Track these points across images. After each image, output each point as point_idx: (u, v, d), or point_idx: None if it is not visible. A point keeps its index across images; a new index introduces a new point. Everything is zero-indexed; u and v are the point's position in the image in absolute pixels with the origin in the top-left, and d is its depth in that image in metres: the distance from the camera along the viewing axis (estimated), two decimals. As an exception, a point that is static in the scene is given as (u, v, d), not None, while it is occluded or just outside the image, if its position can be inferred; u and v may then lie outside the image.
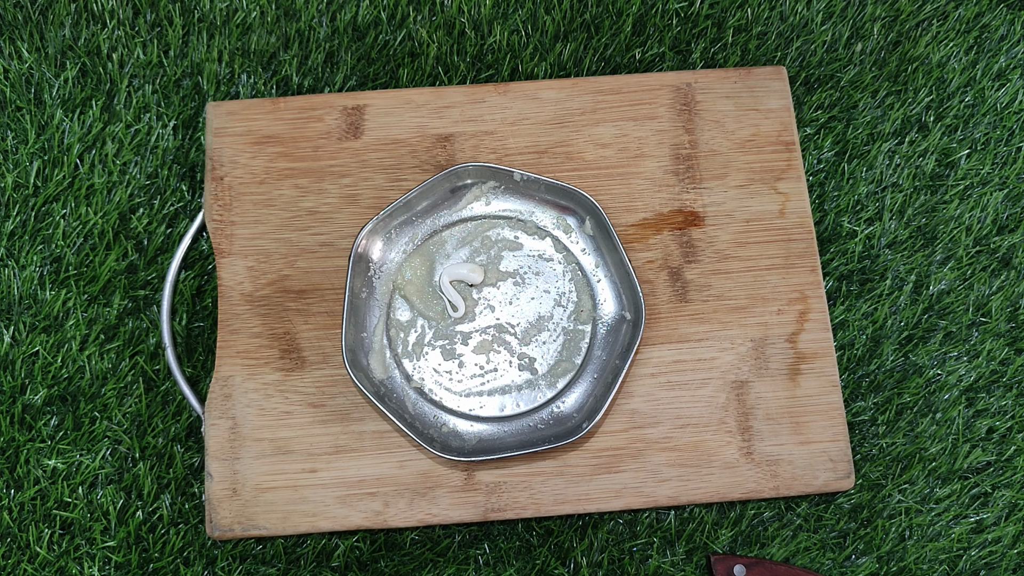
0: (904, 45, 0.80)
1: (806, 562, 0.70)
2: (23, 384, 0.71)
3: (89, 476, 0.70)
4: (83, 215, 0.74)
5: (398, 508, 0.68)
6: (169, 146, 0.76)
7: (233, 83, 0.77)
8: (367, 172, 0.74)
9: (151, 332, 0.72)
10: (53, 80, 0.77)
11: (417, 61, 0.78)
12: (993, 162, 0.78)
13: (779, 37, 0.80)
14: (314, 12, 0.79)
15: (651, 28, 0.79)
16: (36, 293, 0.72)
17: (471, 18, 0.79)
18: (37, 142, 0.75)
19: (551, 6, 0.80)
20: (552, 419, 0.69)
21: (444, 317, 0.71)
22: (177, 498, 0.70)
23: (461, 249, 0.72)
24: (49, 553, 0.68)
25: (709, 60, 0.79)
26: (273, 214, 0.73)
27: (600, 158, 0.75)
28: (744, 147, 0.75)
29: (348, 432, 0.69)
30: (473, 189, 0.73)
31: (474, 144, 0.74)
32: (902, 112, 0.78)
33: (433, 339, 0.71)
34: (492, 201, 0.73)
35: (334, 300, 0.71)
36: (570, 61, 0.78)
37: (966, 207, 0.77)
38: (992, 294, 0.75)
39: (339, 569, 0.69)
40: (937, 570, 0.70)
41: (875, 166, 0.77)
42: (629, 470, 0.69)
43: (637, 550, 0.70)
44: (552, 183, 0.71)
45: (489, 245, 0.73)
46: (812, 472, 0.69)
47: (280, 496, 0.68)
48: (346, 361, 0.67)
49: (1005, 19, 0.81)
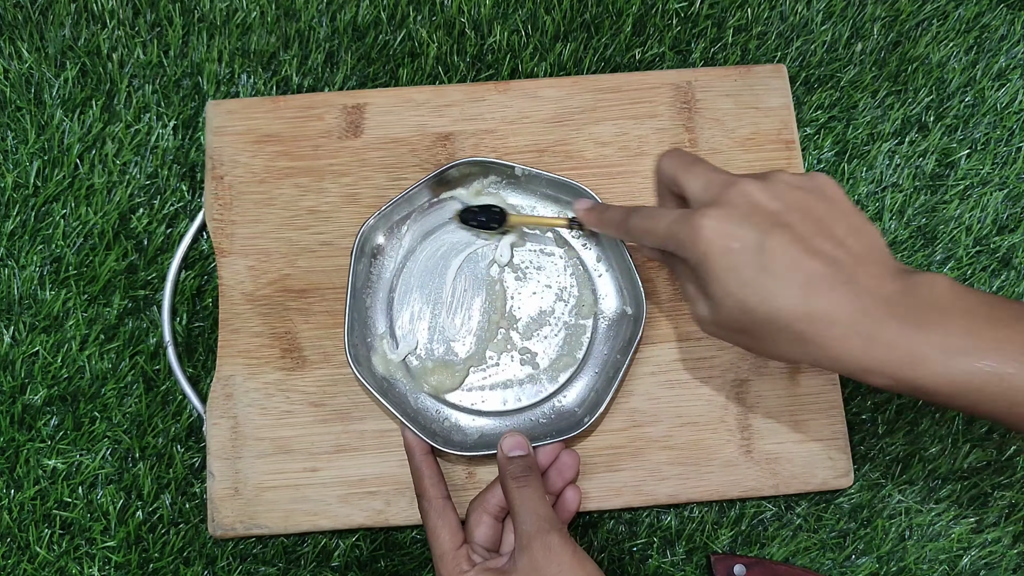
0: (904, 45, 0.80)
1: (806, 562, 0.70)
2: (23, 384, 0.71)
3: (89, 476, 0.69)
4: (83, 215, 0.74)
5: (399, 507, 0.68)
6: (169, 146, 0.76)
7: (233, 83, 0.77)
8: (367, 171, 0.74)
9: (151, 332, 0.72)
10: (53, 80, 0.77)
11: (417, 61, 0.78)
12: (993, 162, 0.78)
13: (779, 37, 0.80)
14: (314, 12, 0.79)
15: (651, 28, 0.80)
16: (36, 293, 0.72)
17: (471, 18, 0.79)
18: (37, 142, 0.75)
19: (551, 6, 0.80)
20: (554, 414, 0.70)
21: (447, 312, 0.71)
22: (177, 498, 0.70)
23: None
24: (49, 553, 0.68)
25: (709, 60, 0.79)
26: (273, 213, 0.73)
27: (600, 156, 0.75)
28: (744, 145, 0.75)
29: (349, 431, 0.69)
30: (474, 184, 0.73)
31: (474, 143, 0.74)
32: (902, 112, 0.78)
33: (435, 333, 0.71)
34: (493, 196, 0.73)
35: (335, 299, 0.71)
36: (570, 61, 0.79)
37: (966, 207, 0.77)
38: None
39: (339, 569, 0.69)
40: (937, 570, 0.70)
41: (875, 166, 0.77)
42: (629, 468, 0.69)
43: (637, 550, 0.70)
44: (553, 177, 0.71)
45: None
46: (811, 470, 0.69)
47: (281, 495, 0.68)
48: (348, 357, 0.67)
49: (1005, 19, 0.81)
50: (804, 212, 0.52)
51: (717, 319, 0.54)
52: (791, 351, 0.52)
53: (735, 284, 0.51)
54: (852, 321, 0.50)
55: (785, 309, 0.50)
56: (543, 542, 0.58)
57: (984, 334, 0.49)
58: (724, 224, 0.52)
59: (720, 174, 0.55)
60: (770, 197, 0.53)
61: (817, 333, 0.50)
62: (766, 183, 0.53)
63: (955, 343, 0.49)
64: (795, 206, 0.53)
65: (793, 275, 0.50)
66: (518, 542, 0.59)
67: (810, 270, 0.50)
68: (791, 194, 0.53)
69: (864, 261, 0.51)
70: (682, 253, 0.54)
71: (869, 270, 0.51)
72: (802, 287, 0.50)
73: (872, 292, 0.50)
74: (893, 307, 0.50)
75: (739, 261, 0.51)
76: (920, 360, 0.49)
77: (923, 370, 0.49)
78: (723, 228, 0.52)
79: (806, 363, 0.53)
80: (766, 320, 0.51)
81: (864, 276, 0.51)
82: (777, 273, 0.51)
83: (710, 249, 0.52)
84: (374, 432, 0.69)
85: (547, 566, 0.57)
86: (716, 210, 0.52)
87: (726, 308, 0.53)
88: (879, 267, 0.52)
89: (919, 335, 0.49)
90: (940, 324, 0.49)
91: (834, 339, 0.50)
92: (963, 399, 0.49)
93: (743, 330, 0.53)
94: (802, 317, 0.50)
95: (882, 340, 0.49)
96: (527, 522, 0.59)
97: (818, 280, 0.50)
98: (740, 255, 0.51)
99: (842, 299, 0.50)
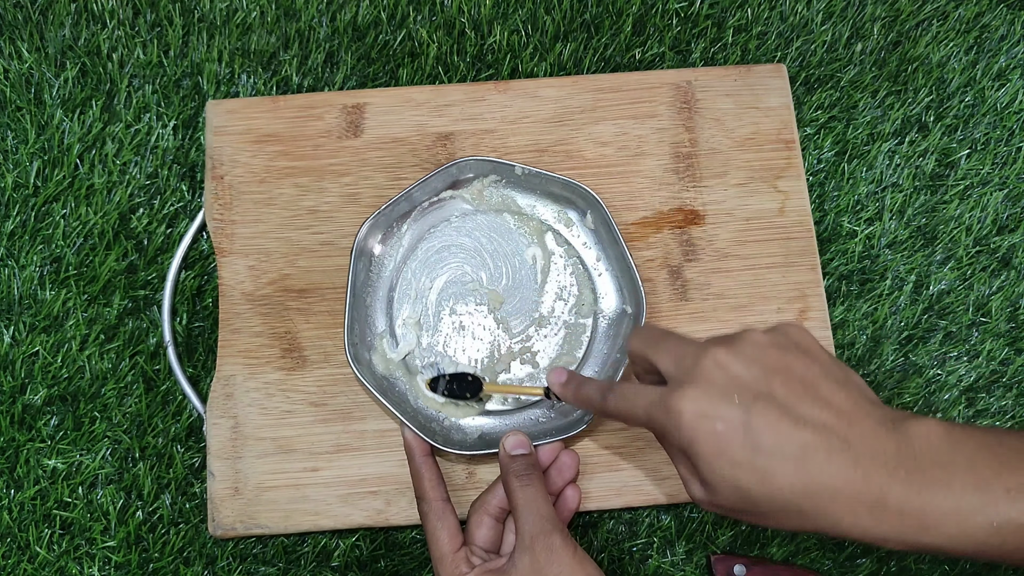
0: (904, 45, 0.80)
1: (806, 562, 0.70)
2: (23, 384, 0.71)
3: (89, 476, 0.69)
4: (83, 215, 0.74)
5: (400, 507, 0.68)
6: (169, 146, 0.76)
7: (233, 83, 0.77)
8: (367, 171, 0.74)
9: (151, 332, 0.72)
10: (53, 80, 0.77)
11: (417, 61, 0.78)
12: (993, 162, 0.78)
13: (779, 37, 0.80)
14: (314, 12, 0.79)
15: (651, 28, 0.80)
16: (36, 293, 0.72)
17: (471, 18, 0.79)
18: (37, 142, 0.75)
19: (551, 6, 0.80)
20: (554, 413, 0.70)
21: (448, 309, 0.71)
22: (177, 498, 0.70)
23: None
24: (49, 553, 0.68)
25: (709, 60, 0.79)
26: (274, 213, 0.73)
27: (600, 156, 0.75)
28: (744, 145, 0.75)
29: (349, 431, 0.69)
30: (475, 183, 0.73)
31: (474, 142, 0.74)
32: (902, 112, 0.78)
33: (435, 332, 0.71)
34: (493, 195, 0.73)
35: (335, 299, 0.71)
36: (570, 61, 0.79)
37: (966, 207, 0.77)
38: (992, 294, 0.75)
39: (339, 569, 0.69)
40: (937, 570, 0.70)
41: (875, 166, 0.77)
42: (629, 468, 0.69)
43: (637, 550, 0.70)
44: (553, 177, 0.71)
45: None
46: (813, 471, 0.69)
47: (282, 495, 0.68)
48: (348, 356, 0.67)
49: (1005, 19, 0.81)
50: (784, 375, 0.50)
51: (714, 499, 0.51)
52: (798, 526, 0.49)
53: (727, 467, 0.49)
54: (855, 492, 0.47)
55: (783, 488, 0.48)
56: (545, 543, 0.58)
57: (993, 486, 0.47)
58: (703, 404, 0.49)
59: (690, 346, 0.52)
60: (745, 365, 0.50)
61: (821, 508, 0.48)
62: (737, 348, 0.51)
63: (966, 502, 0.46)
64: (772, 369, 0.50)
65: (785, 450, 0.48)
66: (520, 542, 0.59)
67: (802, 442, 0.48)
68: (765, 356, 0.51)
69: (855, 420, 0.49)
70: (667, 438, 0.52)
71: (861, 429, 0.49)
72: (797, 462, 0.48)
73: (870, 454, 0.48)
74: (894, 469, 0.47)
75: (727, 443, 0.48)
76: (933, 524, 0.47)
77: (938, 534, 0.47)
78: (703, 409, 0.49)
79: (815, 532, 0.51)
80: (766, 500, 0.49)
81: (858, 437, 0.48)
82: (769, 451, 0.48)
83: (695, 435, 0.49)
84: (374, 432, 0.69)
85: (549, 567, 0.57)
86: (693, 389, 0.50)
87: (722, 491, 0.50)
88: (870, 421, 0.49)
89: (926, 497, 0.47)
90: (945, 483, 0.47)
91: (840, 513, 0.48)
92: (988, 554, 0.47)
93: (744, 510, 0.50)
94: (802, 493, 0.48)
95: (890, 508, 0.47)
96: (530, 522, 0.59)
97: (812, 452, 0.48)
98: (727, 437, 0.48)
99: (840, 469, 0.47)
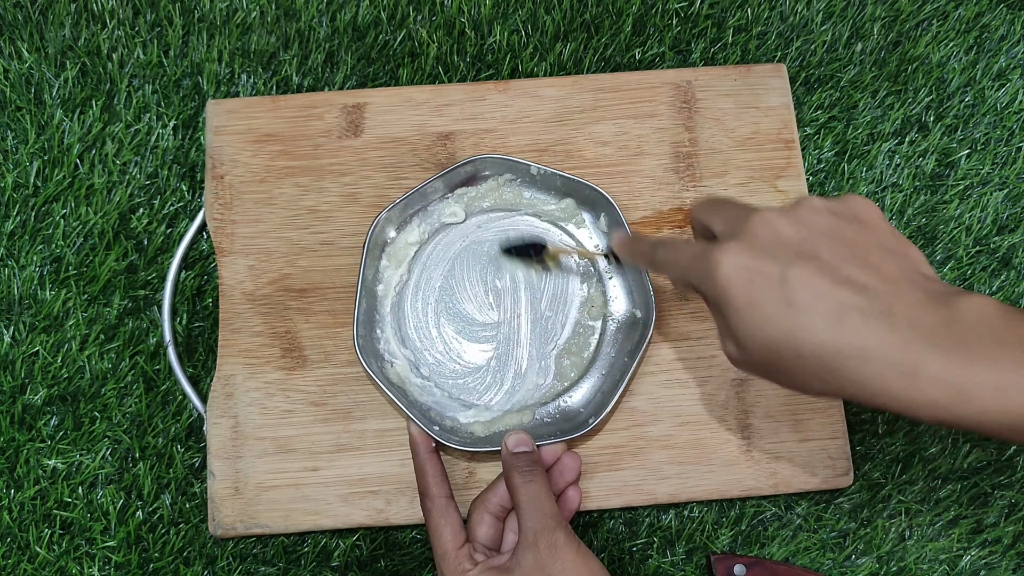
0: (904, 45, 0.80)
1: (806, 562, 0.70)
2: (23, 384, 0.71)
3: (89, 476, 0.69)
4: (83, 215, 0.74)
5: (400, 506, 0.68)
6: (169, 146, 0.76)
7: (233, 83, 0.77)
8: (367, 170, 0.74)
9: (151, 332, 0.72)
10: (53, 80, 0.77)
11: (417, 61, 0.78)
12: (993, 162, 0.78)
13: (779, 37, 0.80)
14: (314, 12, 0.79)
15: (651, 28, 0.80)
16: (36, 293, 0.72)
17: (471, 18, 0.79)
18: (37, 142, 0.75)
19: (551, 6, 0.80)
20: (559, 414, 0.70)
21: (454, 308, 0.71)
22: (177, 498, 0.70)
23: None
24: (49, 553, 0.68)
25: (709, 60, 0.79)
26: (274, 213, 0.73)
27: (600, 156, 0.75)
28: (744, 145, 0.75)
29: (350, 431, 0.69)
30: (489, 181, 0.73)
31: (474, 142, 0.74)
32: (902, 112, 0.78)
33: (441, 329, 0.71)
34: (507, 194, 0.73)
35: (335, 299, 0.71)
36: (570, 61, 0.79)
37: (966, 207, 0.77)
38: (992, 294, 0.75)
39: (339, 569, 0.69)
40: (937, 570, 0.70)
41: (875, 166, 0.77)
42: (629, 468, 0.69)
43: (637, 550, 0.70)
44: (569, 178, 0.71)
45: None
46: (811, 470, 0.69)
47: (282, 494, 0.68)
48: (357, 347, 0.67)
49: (1005, 19, 0.81)
50: (833, 238, 0.49)
51: (743, 356, 0.50)
52: (824, 388, 0.48)
53: (758, 319, 0.48)
54: (889, 357, 0.46)
55: (812, 344, 0.47)
56: (549, 540, 0.58)
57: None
58: (743, 257, 0.49)
59: (744, 208, 0.52)
60: (794, 226, 0.49)
61: (850, 369, 0.47)
62: (791, 211, 0.50)
63: (1010, 380, 0.45)
64: (822, 232, 0.49)
65: (820, 307, 0.47)
66: (523, 539, 0.59)
67: (839, 301, 0.47)
68: (818, 220, 0.50)
69: (901, 287, 0.47)
70: (703, 289, 0.51)
71: (907, 297, 0.47)
72: (831, 320, 0.46)
73: (911, 323, 0.46)
74: (936, 339, 0.46)
75: (760, 296, 0.48)
76: (970, 397, 0.45)
77: (973, 406, 0.45)
78: (742, 261, 0.49)
79: (842, 398, 0.50)
80: (793, 357, 0.48)
81: (901, 305, 0.47)
82: (802, 306, 0.47)
83: (729, 284, 0.49)
84: (375, 431, 0.69)
85: (552, 564, 0.57)
86: (735, 243, 0.49)
87: (751, 344, 0.49)
88: (918, 292, 0.47)
89: (967, 370, 0.45)
90: (991, 358, 0.45)
91: (870, 376, 0.46)
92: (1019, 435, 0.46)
93: (772, 366, 0.50)
94: (832, 351, 0.46)
95: (925, 376, 0.45)
96: (533, 519, 0.59)
97: (849, 311, 0.46)
98: (761, 290, 0.48)
99: (877, 332, 0.46)
